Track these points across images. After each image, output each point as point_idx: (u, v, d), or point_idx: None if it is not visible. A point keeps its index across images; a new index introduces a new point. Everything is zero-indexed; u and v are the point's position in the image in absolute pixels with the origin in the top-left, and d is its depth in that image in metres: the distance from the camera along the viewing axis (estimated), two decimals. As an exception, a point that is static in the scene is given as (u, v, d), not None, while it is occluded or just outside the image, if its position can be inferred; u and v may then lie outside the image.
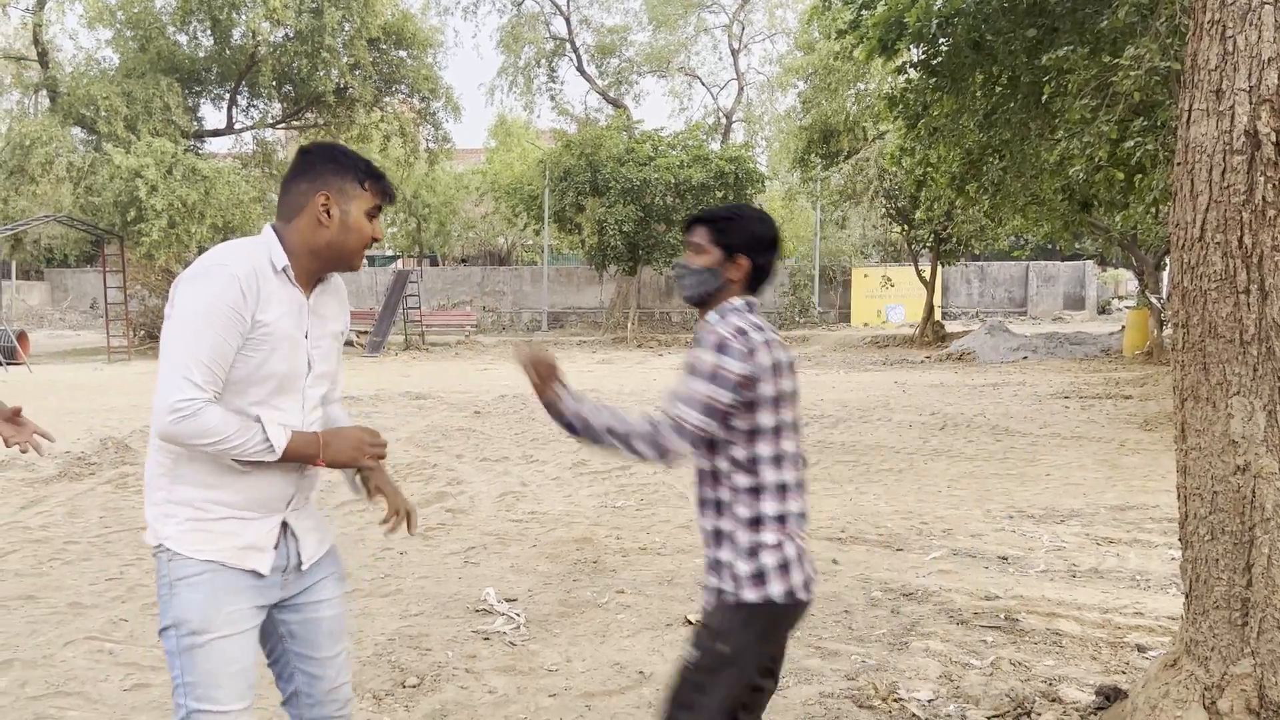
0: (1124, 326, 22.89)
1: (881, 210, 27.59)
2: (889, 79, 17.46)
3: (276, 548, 2.46)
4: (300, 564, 2.52)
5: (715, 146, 32.71)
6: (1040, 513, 7.41)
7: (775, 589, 2.52)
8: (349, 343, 27.64)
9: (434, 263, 48.18)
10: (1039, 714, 3.90)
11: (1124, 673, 4.32)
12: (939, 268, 27.77)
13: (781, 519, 2.56)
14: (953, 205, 19.69)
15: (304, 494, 2.53)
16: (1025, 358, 21.33)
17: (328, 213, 2.44)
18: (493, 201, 39.08)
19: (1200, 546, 3.07)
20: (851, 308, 36.42)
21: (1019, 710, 3.94)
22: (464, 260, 48.84)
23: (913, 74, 13.23)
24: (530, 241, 43.92)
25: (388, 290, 28.70)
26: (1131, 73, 9.28)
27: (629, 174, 28.49)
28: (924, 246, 27.13)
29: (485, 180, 40.30)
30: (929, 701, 4.06)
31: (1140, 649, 4.61)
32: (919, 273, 27.92)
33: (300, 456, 2.41)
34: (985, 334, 23.35)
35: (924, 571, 5.95)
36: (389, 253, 49.83)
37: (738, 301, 2.66)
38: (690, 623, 5.05)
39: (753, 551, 2.53)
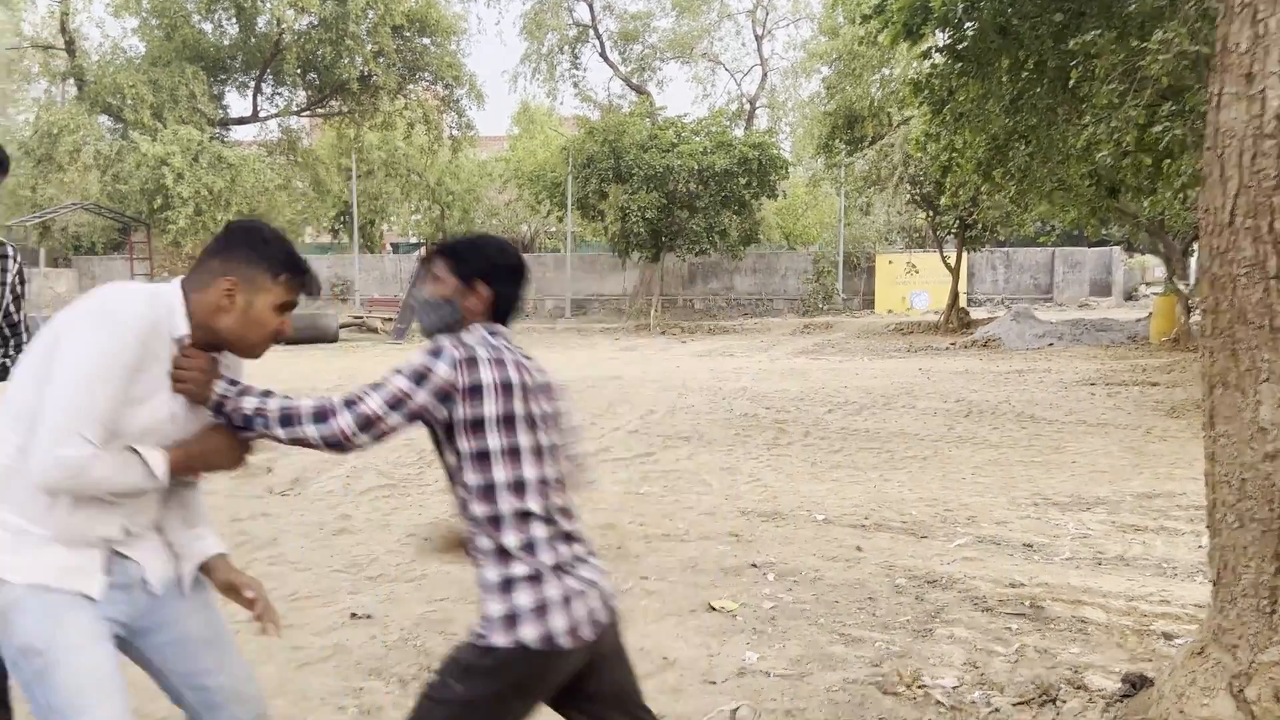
0: (1151, 313, 22.71)
1: (906, 196, 27.44)
2: (914, 64, 17.35)
3: (111, 571, 2.31)
4: (145, 582, 2.38)
5: (739, 133, 32.61)
6: (1066, 500, 7.37)
7: (528, 633, 2.31)
8: (373, 329, 27.86)
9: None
10: (1064, 701, 3.89)
11: (1150, 660, 4.30)
12: (964, 254, 27.61)
13: (529, 548, 2.35)
14: (978, 191, 19.59)
15: (135, 531, 2.36)
16: (1051, 344, 21.20)
17: (230, 299, 2.32)
18: (516, 189, 39.12)
19: (1228, 534, 3.05)
20: (876, 294, 36.28)
21: (1044, 697, 3.93)
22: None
23: (938, 59, 13.15)
24: (553, 229, 43.95)
25: (412, 278, 28.77)
26: (1160, 57, 9.18)
27: (652, 160, 28.45)
28: (949, 233, 26.98)
29: (508, 167, 40.35)
30: (953, 688, 4.05)
31: (1166, 637, 4.59)
32: (944, 259, 27.77)
33: (181, 473, 2.33)
34: (1011, 321, 23.22)
35: (948, 559, 5.94)
36: (413, 240, 49.99)
37: (483, 328, 2.51)
38: (714, 609, 5.07)
39: (504, 587, 2.34)
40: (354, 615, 5.07)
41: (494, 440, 2.35)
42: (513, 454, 2.36)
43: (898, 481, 8.11)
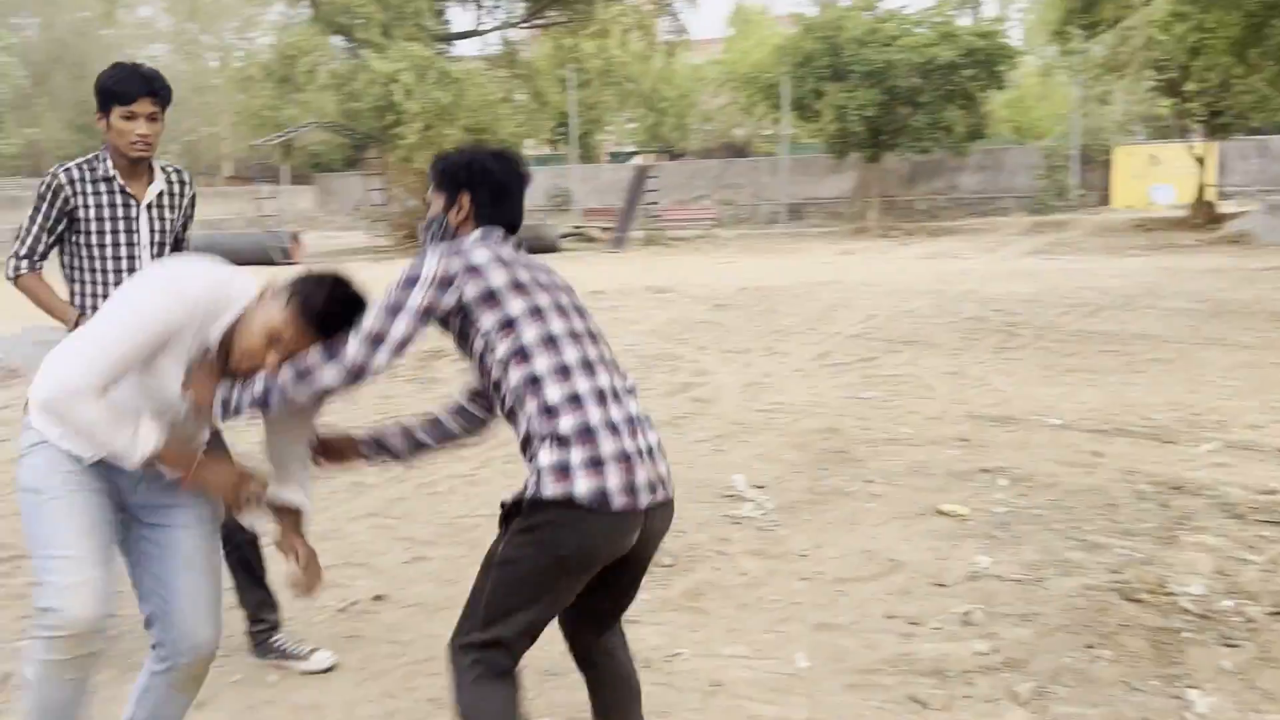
0: None
1: (1148, 83, 25.62)
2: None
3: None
4: (150, 479, 2.53)
5: (965, 21, 31.04)
6: (1329, 405, 6.85)
7: (580, 486, 2.20)
8: (592, 238, 28.34)
9: (672, 157, 48.29)
10: (1327, 615, 3.66)
11: None
12: (1213, 144, 25.66)
13: (575, 401, 2.26)
14: (1230, 74, 18.07)
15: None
16: (1312, 239, 19.53)
17: (260, 299, 2.40)
18: (730, 92, 38.60)
19: None
20: (1113, 189, 34.16)
21: (1304, 610, 3.70)
22: (700, 154, 48.71)
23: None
24: (768, 132, 43.29)
25: (628, 186, 29.00)
26: None
27: (872, 55, 27.45)
28: (1196, 121, 25.08)
29: (723, 71, 39.86)
30: (1202, 596, 3.87)
31: None
32: (1190, 150, 25.90)
33: (168, 463, 2.42)
34: (1265, 214, 21.50)
35: (1196, 464, 5.63)
36: (629, 149, 50.29)
37: (474, 234, 2.46)
38: (943, 513, 4.98)
39: (553, 441, 2.23)
40: (585, 512, 5.25)
41: (514, 305, 2.30)
42: (535, 313, 2.31)
43: (1139, 385, 7.71)
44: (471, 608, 2.34)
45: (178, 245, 3.88)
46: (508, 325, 2.28)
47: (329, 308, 2.34)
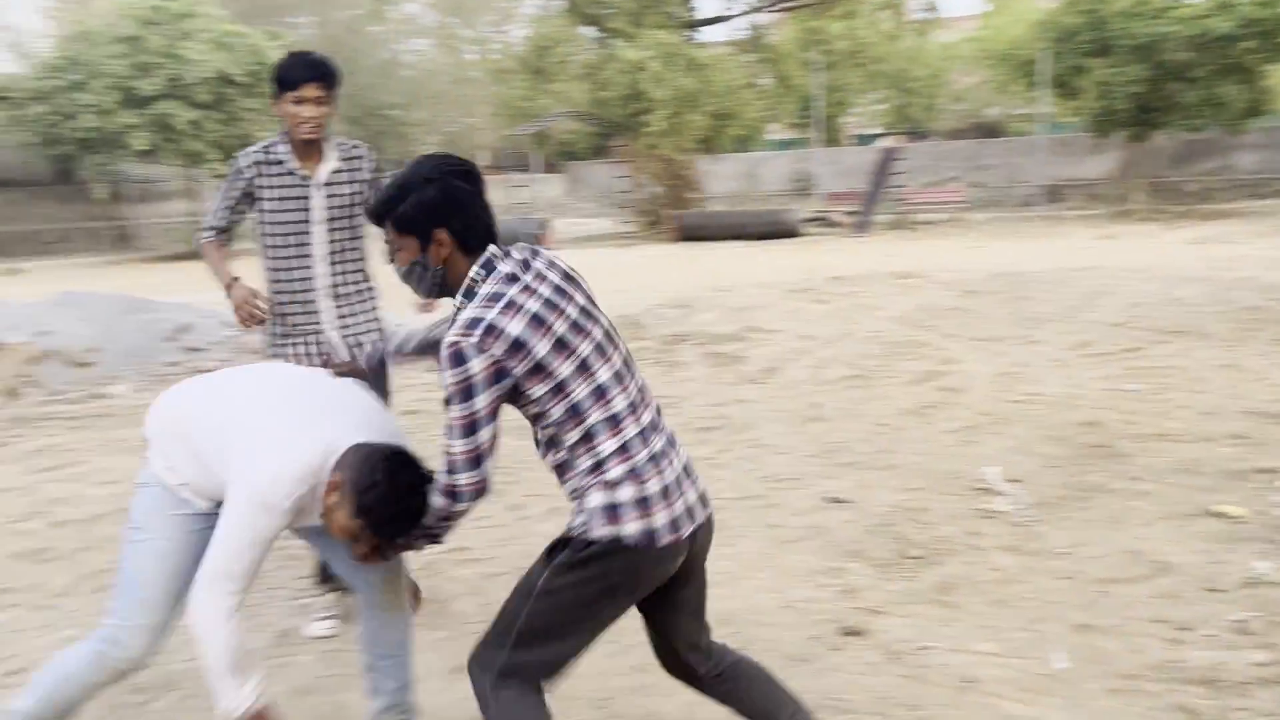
0: None
1: None
2: None
3: None
4: None
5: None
6: None
7: (630, 527, 2.24)
8: (835, 223, 27.96)
9: (921, 138, 47.03)
10: None
11: None
12: None
13: (625, 449, 2.28)
14: None
15: None
16: None
17: (331, 491, 2.45)
18: (984, 70, 37.23)
19: None
20: None
21: None
22: (949, 134, 47.21)
23: None
24: (1023, 110, 41.51)
25: (873, 169, 28.44)
26: None
27: (1139, 29, 25.87)
28: None
29: (976, 48, 38.49)
30: None
31: None
32: None
33: None
34: None
35: None
36: (875, 130, 49.34)
37: (476, 271, 2.31)
38: (1216, 514, 4.67)
39: (604, 485, 2.25)
40: (830, 499, 5.21)
41: (561, 367, 2.26)
42: (583, 369, 2.28)
43: None
44: (500, 631, 2.37)
45: None
46: (559, 389, 2.27)
47: (396, 520, 2.43)
